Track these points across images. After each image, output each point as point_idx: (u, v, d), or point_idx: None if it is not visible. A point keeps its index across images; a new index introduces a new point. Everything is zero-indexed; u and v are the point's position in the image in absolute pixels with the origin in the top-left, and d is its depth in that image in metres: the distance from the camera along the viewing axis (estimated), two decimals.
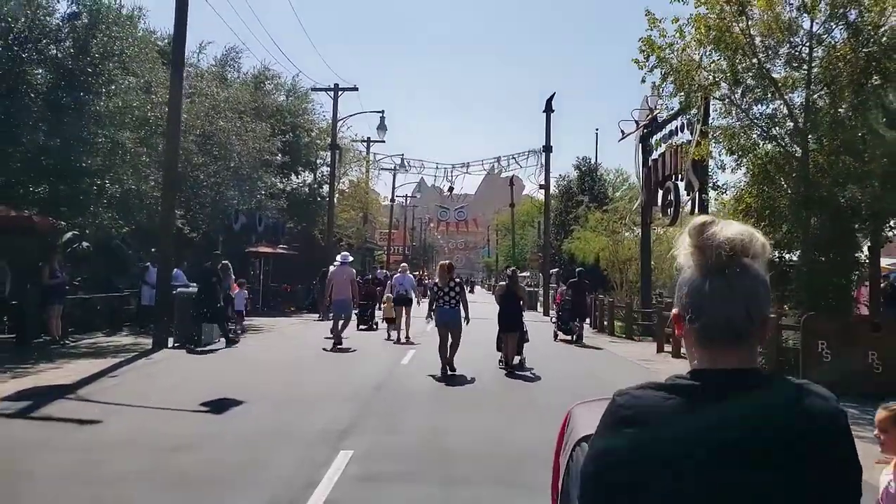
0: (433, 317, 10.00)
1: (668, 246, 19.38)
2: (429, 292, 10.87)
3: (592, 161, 30.89)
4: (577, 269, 17.11)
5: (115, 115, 13.59)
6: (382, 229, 52.33)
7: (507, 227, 59.26)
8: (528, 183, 28.25)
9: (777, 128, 10.83)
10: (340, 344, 12.45)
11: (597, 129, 34.43)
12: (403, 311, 14.07)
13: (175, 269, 17.40)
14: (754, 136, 10.95)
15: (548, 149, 27.06)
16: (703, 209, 13.90)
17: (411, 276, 16.43)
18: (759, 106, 10.90)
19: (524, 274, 53.01)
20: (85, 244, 15.64)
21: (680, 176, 14.97)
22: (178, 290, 13.34)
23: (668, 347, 13.91)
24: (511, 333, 10.31)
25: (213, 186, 19.29)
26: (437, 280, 10.38)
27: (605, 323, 18.61)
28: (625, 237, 19.87)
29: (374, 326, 15.76)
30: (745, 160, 10.95)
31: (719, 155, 11.61)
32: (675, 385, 1.06)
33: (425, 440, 5.98)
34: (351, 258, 14.25)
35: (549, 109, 27.19)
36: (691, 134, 14.09)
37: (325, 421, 6.59)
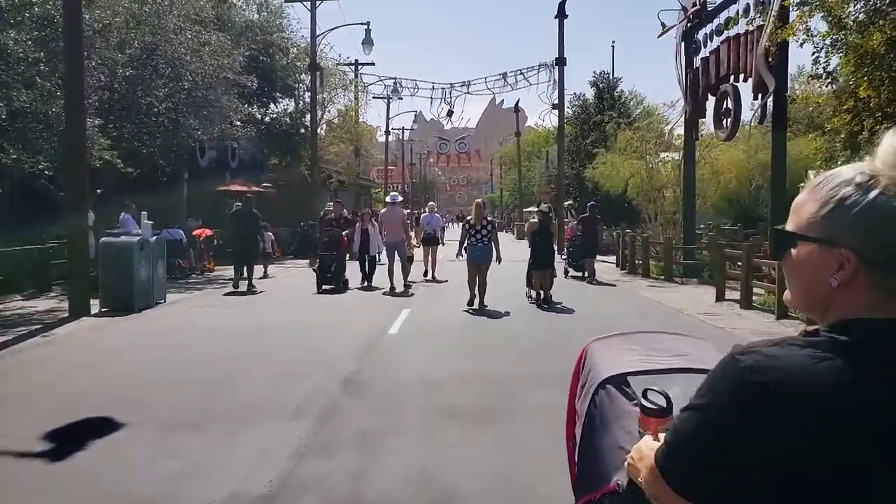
0: (464, 255, 10.14)
1: (713, 168, 16.19)
2: (461, 230, 10.62)
3: (611, 77, 27.14)
4: (588, 204, 15.46)
5: (6, 11, 10.27)
6: (379, 165, 48.81)
7: (512, 160, 55.76)
8: (540, 102, 24.61)
9: None
10: (409, 287, 12.29)
11: (613, 43, 30.41)
12: (431, 251, 14.04)
13: (123, 214, 14.55)
14: None
15: (561, 61, 23.40)
16: (782, 115, 10.68)
17: (437, 215, 15.84)
18: None
19: (530, 209, 50.00)
20: None
21: (743, 75, 11.65)
22: (103, 239, 10.39)
23: (731, 294, 11.01)
24: (544, 270, 10.39)
25: (165, 113, 16.02)
26: (470, 218, 10.26)
27: (639, 262, 15.69)
28: (660, 160, 16.63)
29: (343, 286, 12.34)
30: (868, 33, 7.68)
31: (828, 30, 8.29)
32: (833, 341, 0.78)
33: None
34: (400, 198, 14.02)
35: (562, 15, 23.35)
36: (762, 16, 10.68)
37: (238, 469, 3.76)
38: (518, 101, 41.94)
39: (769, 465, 0.76)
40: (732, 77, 12.17)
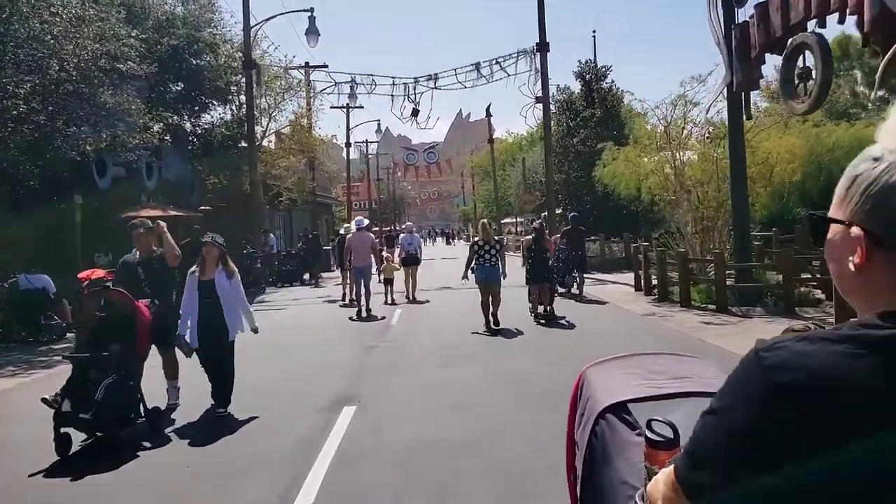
0: (470, 276, 9.97)
1: (756, 157, 12.50)
2: (469, 250, 10.33)
3: (598, 66, 23.59)
4: (570, 214, 14.80)
5: None
6: (342, 182, 44.58)
7: (485, 170, 52.30)
8: (519, 97, 20.70)
9: None
10: (369, 311, 11.77)
11: (594, 32, 26.77)
12: (411, 272, 13.82)
13: None
14: None
15: (543, 46, 19.69)
16: None
17: (417, 234, 15.47)
18: None
19: (507, 220, 46.40)
20: None
21: (839, 14, 7.97)
22: None
23: None
24: (542, 284, 10.58)
25: (29, 116, 11.77)
26: (477, 239, 10.24)
27: (674, 288, 11.89)
28: (686, 153, 12.88)
29: (151, 421, 5.25)
30: None
31: None
32: (868, 335, 0.71)
33: None
34: (366, 222, 13.46)
35: None
36: None
37: None
38: (489, 106, 38.49)
39: (793, 474, 0.70)
40: (815, 21, 8.50)
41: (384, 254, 14.72)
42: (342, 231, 15.36)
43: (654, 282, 12.85)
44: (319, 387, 6.59)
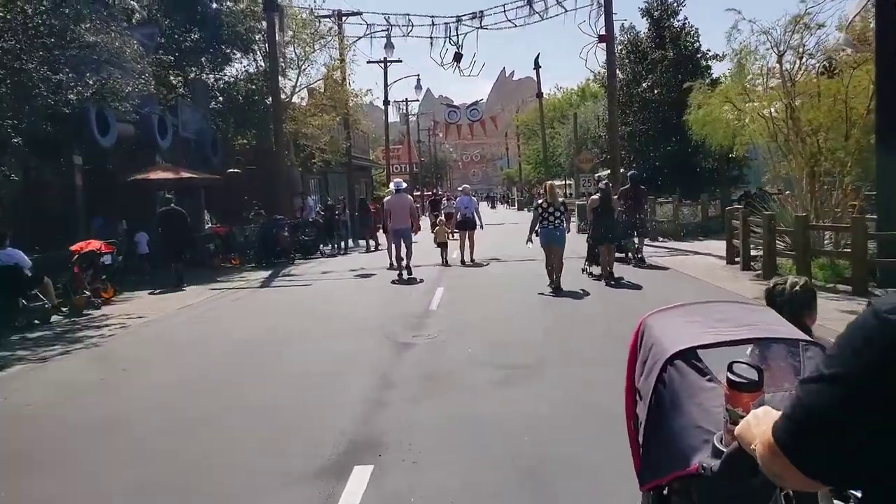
0: (534, 240, 9.74)
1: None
2: (533, 212, 10.04)
3: (669, 2, 20.39)
4: (629, 174, 13.87)
5: None
6: (381, 144, 42.32)
7: (532, 129, 49.30)
8: (581, 32, 17.85)
9: None
10: (410, 273, 11.80)
11: None
12: (467, 236, 13.65)
13: None
14: None
15: None
16: None
17: (473, 197, 15.36)
18: None
19: (556, 183, 43.56)
20: None
21: None
22: None
23: None
24: (608, 245, 10.31)
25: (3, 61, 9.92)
26: (541, 201, 9.95)
27: (783, 261, 9.35)
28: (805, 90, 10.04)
29: None
30: None
31: None
32: None
33: None
34: (405, 185, 13.51)
35: None
36: None
37: None
38: (538, 56, 35.35)
39: None
40: None
41: (440, 218, 15.34)
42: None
43: (754, 253, 10.42)
44: (322, 420, 4.49)
